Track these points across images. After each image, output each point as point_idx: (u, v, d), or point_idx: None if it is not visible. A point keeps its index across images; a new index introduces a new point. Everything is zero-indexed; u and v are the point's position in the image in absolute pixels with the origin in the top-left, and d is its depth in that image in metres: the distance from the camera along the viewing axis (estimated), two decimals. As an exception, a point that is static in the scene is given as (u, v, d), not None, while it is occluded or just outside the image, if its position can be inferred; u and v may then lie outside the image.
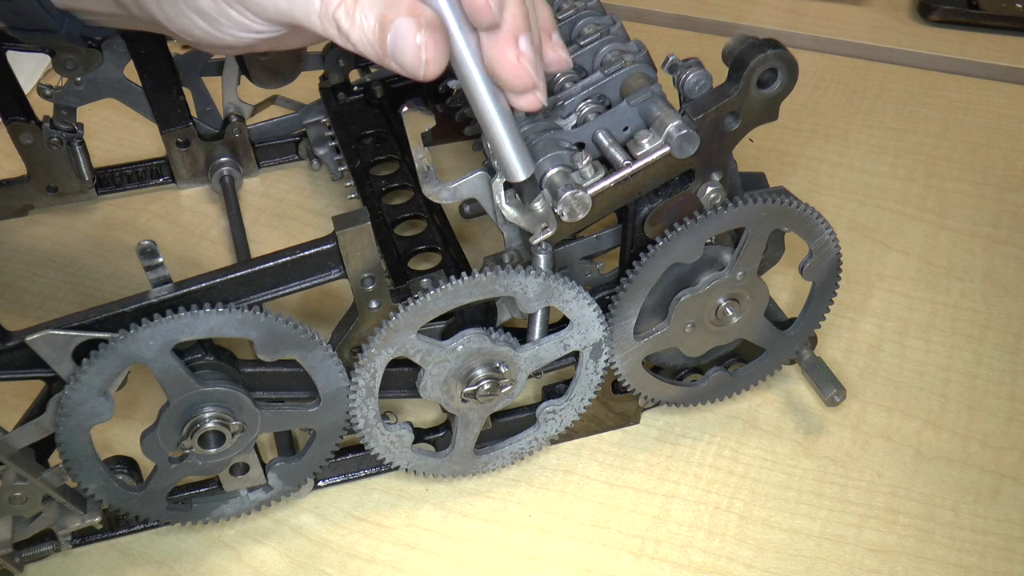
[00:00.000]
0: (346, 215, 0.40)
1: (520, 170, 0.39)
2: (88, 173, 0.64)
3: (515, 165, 0.39)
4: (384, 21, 0.36)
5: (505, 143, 0.39)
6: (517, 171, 0.39)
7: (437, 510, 0.50)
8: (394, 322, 0.42)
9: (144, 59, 0.61)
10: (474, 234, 0.64)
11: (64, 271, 0.63)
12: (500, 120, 0.38)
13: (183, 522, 0.47)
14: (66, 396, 0.39)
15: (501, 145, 0.39)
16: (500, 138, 0.39)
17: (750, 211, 0.44)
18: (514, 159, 0.39)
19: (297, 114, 0.68)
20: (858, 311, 0.60)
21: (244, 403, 0.42)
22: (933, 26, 0.85)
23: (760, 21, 0.86)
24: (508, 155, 0.39)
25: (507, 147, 0.39)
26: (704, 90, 0.42)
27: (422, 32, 0.35)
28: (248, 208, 0.67)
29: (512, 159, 0.39)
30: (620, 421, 0.53)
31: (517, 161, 0.39)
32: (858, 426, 0.53)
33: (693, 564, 0.48)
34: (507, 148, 0.39)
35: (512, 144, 0.39)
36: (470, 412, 0.47)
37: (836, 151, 0.72)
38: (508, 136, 0.39)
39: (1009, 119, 0.75)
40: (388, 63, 0.37)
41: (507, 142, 0.39)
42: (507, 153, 0.39)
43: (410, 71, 0.36)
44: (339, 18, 0.36)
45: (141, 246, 0.39)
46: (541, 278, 0.43)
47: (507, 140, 0.39)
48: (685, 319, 0.47)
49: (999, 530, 0.49)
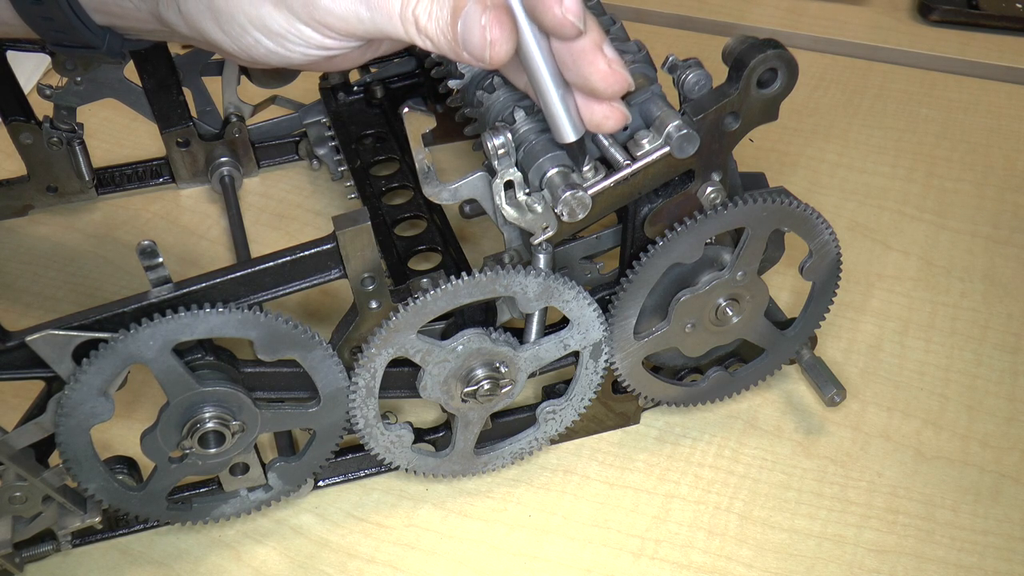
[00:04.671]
0: (346, 215, 0.40)
1: (571, 130, 0.40)
2: (88, 173, 0.64)
3: (565, 125, 0.40)
4: (456, 9, 0.36)
5: (556, 102, 0.39)
6: (568, 131, 0.40)
7: (437, 510, 0.50)
8: (394, 322, 0.42)
9: (144, 59, 0.61)
10: (474, 234, 0.64)
11: (64, 271, 0.63)
12: (551, 79, 0.39)
13: (183, 522, 0.47)
14: (66, 396, 0.39)
15: (551, 104, 0.39)
16: (551, 97, 0.39)
17: (750, 211, 0.44)
18: (564, 119, 0.40)
19: (297, 114, 0.68)
20: (858, 311, 0.60)
21: (244, 403, 0.42)
22: (933, 26, 0.85)
23: (760, 21, 0.86)
24: (559, 114, 0.40)
25: (558, 106, 0.39)
26: (704, 90, 0.42)
27: (487, 13, 0.36)
28: (248, 208, 0.67)
29: (563, 118, 0.40)
30: (620, 421, 0.53)
31: (567, 120, 0.40)
32: (858, 426, 0.53)
33: (693, 564, 0.48)
34: (558, 107, 0.39)
35: (563, 103, 0.39)
36: (470, 412, 0.47)
37: (836, 151, 0.72)
38: (559, 95, 0.39)
39: (1009, 119, 0.75)
40: (460, 54, 0.37)
41: (558, 101, 0.39)
42: (558, 112, 0.40)
43: (478, 55, 0.37)
44: (418, 15, 0.36)
45: (141, 246, 0.39)
46: (541, 278, 0.43)
47: (558, 99, 0.39)
48: (685, 319, 0.47)
49: (999, 530, 0.49)
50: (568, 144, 0.40)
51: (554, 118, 0.40)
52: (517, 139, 0.42)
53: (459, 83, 0.50)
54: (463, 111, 0.51)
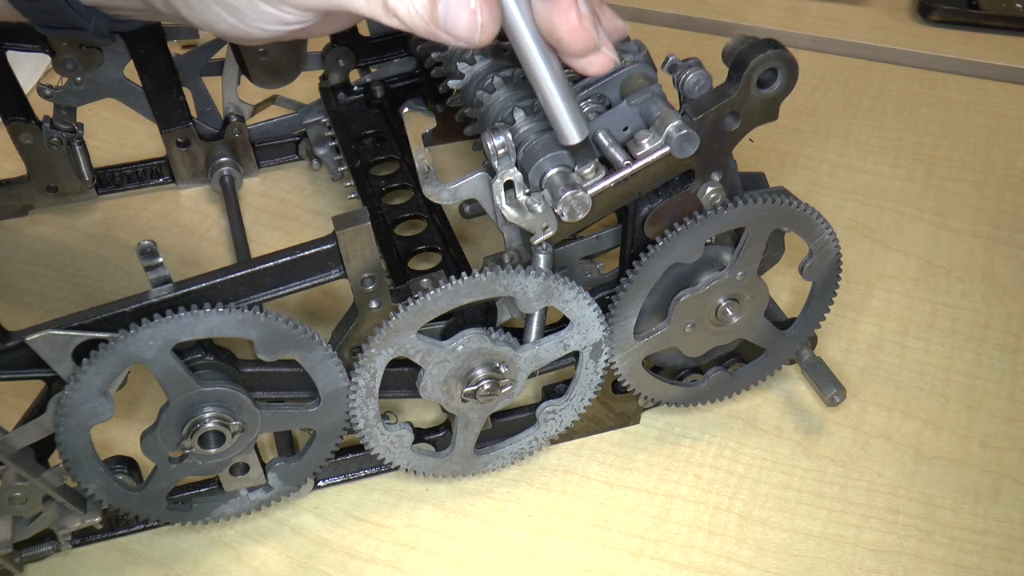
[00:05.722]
0: (346, 215, 0.40)
1: (574, 132, 0.39)
2: (88, 173, 0.64)
3: (569, 127, 0.39)
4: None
5: (559, 105, 0.38)
6: (571, 133, 0.39)
7: (437, 510, 0.50)
8: (394, 322, 0.42)
9: (144, 59, 0.61)
10: (474, 234, 0.64)
11: (64, 271, 0.63)
12: (552, 82, 0.38)
13: (183, 522, 0.47)
14: (66, 396, 0.39)
15: (554, 107, 0.39)
16: (553, 100, 0.38)
17: (750, 211, 0.44)
18: (568, 121, 0.39)
19: (297, 114, 0.68)
20: (858, 311, 0.60)
21: (244, 403, 0.42)
22: (933, 26, 0.85)
23: (760, 21, 0.86)
24: (562, 117, 0.39)
25: (560, 109, 0.39)
26: (704, 90, 0.42)
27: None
28: (248, 208, 0.67)
29: (566, 121, 0.39)
30: (620, 421, 0.53)
31: (571, 123, 0.39)
32: (858, 426, 0.53)
33: (693, 564, 0.48)
34: (560, 110, 0.39)
35: (566, 106, 0.39)
36: (470, 412, 0.47)
37: (836, 151, 0.72)
38: (561, 98, 0.38)
39: (1009, 119, 0.75)
40: (438, 34, 0.36)
41: (560, 104, 0.38)
42: (561, 115, 0.39)
43: (465, 38, 0.36)
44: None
45: (141, 246, 0.39)
46: (541, 278, 0.43)
47: (560, 102, 0.38)
48: (685, 319, 0.47)
49: (999, 530, 0.49)
50: (572, 146, 0.40)
51: (557, 119, 0.39)
52: (517, 139, 0.42)
53: (459, 83, 0.50)
54: (463, 111, 0.51)
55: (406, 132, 0.40)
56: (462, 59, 0.50)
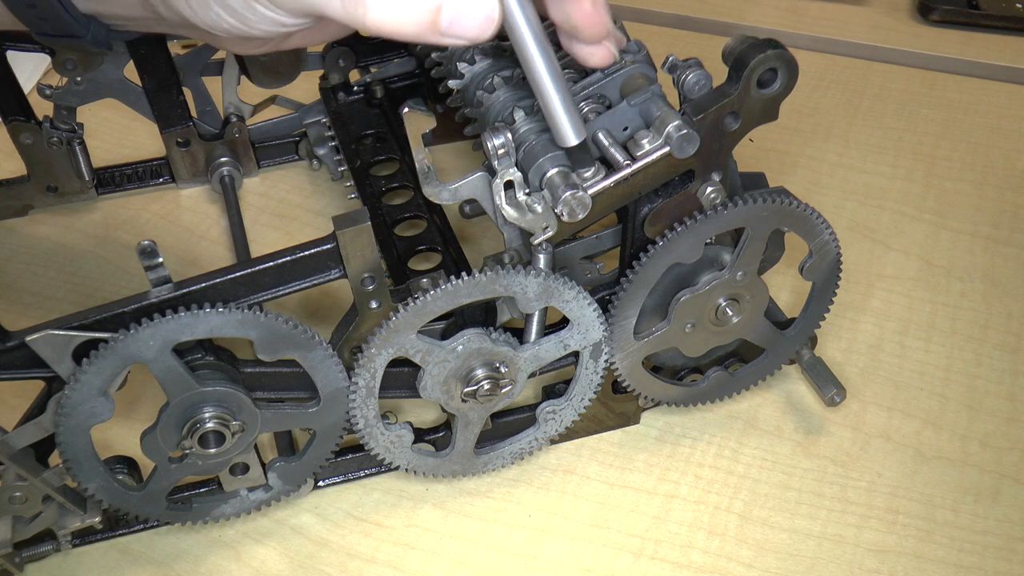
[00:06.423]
0: (346, 215, 0.40)
1: (572, 134, 0.39)
2: (88, 173, 0.64)
3: (567, 129, 0.39)
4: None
5: (557, 106, 0.38)
6: (569, 135, 0.39)
7: (437, 510, 0.50)
8: (394, 322, 0.42)
9: (144, 59, 0.61)
10: (474, 234, 0.64)
11: (64, 271, 0.63)
12: (552, 83, 0.38)
13: (183, 522, 0.47)
14: (66, 396, 0.39)
15: (553, 108, 0.38)
16: (552, 101, 0.38)
17: (750, 211, 0.44)
18: (566, 123, 0.39)
19: (297, 114, 0.68)
20: (858, 311, 0.60)
21: (244, 403, 0.42)
22: (933, 26, 0.85)
23: (760, 21, 0.86)
24: (560, 118, 0.39)
25: (559, 110, 0.38)
26: (704, 90, 0.42)
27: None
28: (248, 208, 0.67)
29: (564, 122, 0.39)
30: (620, 421, 0.53)
31: (569, 125, 0.39)
32: (858, 426, 0.53)
33: (693, 564, 0.48)
34: (559, 111, 0.38)
35: (564, 107, 0.38)
36: (470, 412, 0.47)
37: (836, 151, 0.72)
38: (560, 99, 0.38)
39: (1009, 119, 0.75)
40: (435, 39, 0.36)
41: (559, 105, 0.38)
42: (559, 116, 0.39)
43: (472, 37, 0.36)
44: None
45: (141, 246, 0.39)
46: (541, 278, 0.43)
47: (559, 103, 0.38)
48: (685, 319, 0.47)
49: (999, 530, 0.49)
50: (569, 148, 0.40)
51: (556, 121, 0.39)
52: (517, 139, 0.42)
53: (459, 83, 0.50)
54: (463, 111, 0.51)
55: (406, 132, 0.40)
56: (462, 59, 0.50)
